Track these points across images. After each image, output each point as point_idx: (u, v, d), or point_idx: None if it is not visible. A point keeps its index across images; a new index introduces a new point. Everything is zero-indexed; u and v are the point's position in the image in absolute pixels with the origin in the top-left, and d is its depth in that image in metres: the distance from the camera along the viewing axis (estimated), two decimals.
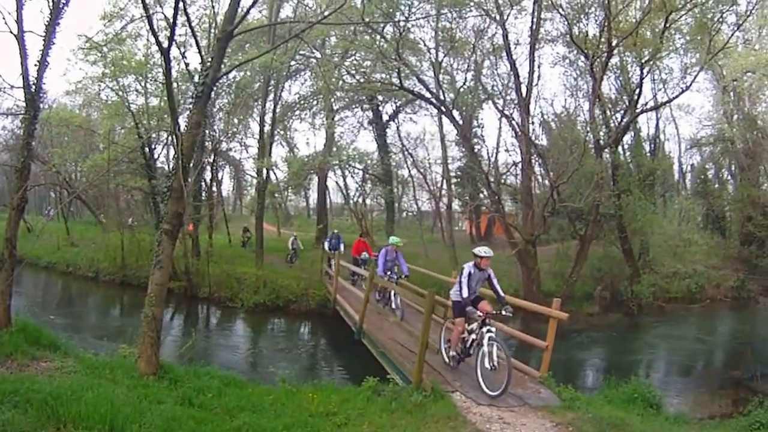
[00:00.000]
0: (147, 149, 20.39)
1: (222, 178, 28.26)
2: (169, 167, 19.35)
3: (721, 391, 11.65)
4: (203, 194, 21.24)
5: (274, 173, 22.80)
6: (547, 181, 20.02)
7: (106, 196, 24.95)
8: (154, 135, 20.74)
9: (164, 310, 7.44)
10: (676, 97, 20.42)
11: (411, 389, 6.41)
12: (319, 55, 19.79)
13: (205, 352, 12.08)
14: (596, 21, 18.72)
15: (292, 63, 20.48)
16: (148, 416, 4.73)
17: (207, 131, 19.37)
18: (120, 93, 19.42)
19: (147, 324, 6.48)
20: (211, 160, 21.28)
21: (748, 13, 18.16)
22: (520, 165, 19.54)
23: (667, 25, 16.99)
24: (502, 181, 21.17)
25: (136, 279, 18.19)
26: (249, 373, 10.82)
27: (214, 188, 23.35)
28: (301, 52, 20.27)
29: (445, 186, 26.28)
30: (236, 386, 6.59)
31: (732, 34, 18.55)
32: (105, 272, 20.12)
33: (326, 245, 17.75)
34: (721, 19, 17.81)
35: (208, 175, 21.67)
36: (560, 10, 18.29)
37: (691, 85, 19.03)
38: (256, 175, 20.99)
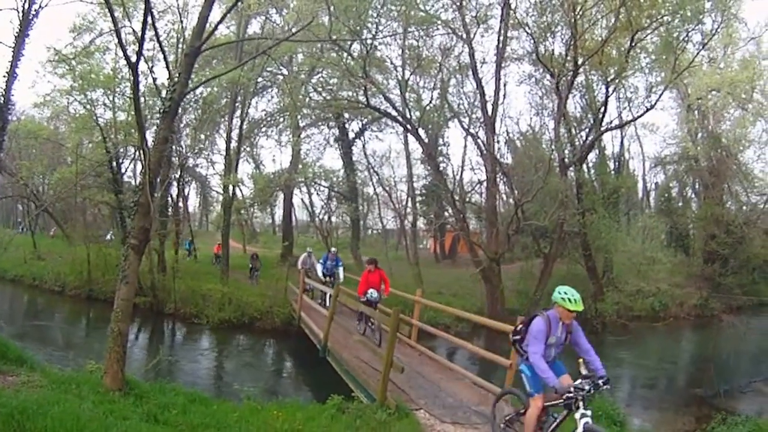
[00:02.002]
0: (114, 164, 20.22)
1: (188, 194, 28.16)
2: (136, 182, 19.22)
3: (685, 409, 11.74)
4: (170, 210, 21.01)
5: (240, 190, 22.88)
6: (511, 200, 20.24)
7: (73, 210, 24.58)
8: (121, 149, 20.64)
9: (130, 326, 7.38)
10: (641, 115, 20.67)
11: (375, 407, 6.43)
12: (286, 72, 19.82)
13: (171, 369, 12.00)
14: (562, 40, 19.02)
15: (259, 79, 20.47)
16: None
17: (174, 147, 19.23)
18: (88, 107, 19.26)
19: (113, 339, 6.41)
20: (177, 176, 21.08)
21: (714, 32, 18.61)
22: (485, 183, 19.70)
23: (633, 44, 17.26)
24: (467, 199, 21.31)
25: (102, 294, 17.86)
26: (214, 389, 10.77)
27: (181, 204, 23.13)
28: (269, 68, 20.26)
29: (410, 204, 26.48)
30: (201, 403, 6.54)
31: (697, 53, 18.89)
32: (71, 286, 19.78)
33: (319, 268, 14.88)
34: (686, 38, 18.09)
35: (174, 191, 21.48)
36: (527, 28, 18.53)
37: (656, 103, 19.29)
38: (222, 192, 20.85)
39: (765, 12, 38.39)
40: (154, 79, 15.74)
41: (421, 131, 19.65)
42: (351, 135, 24.50)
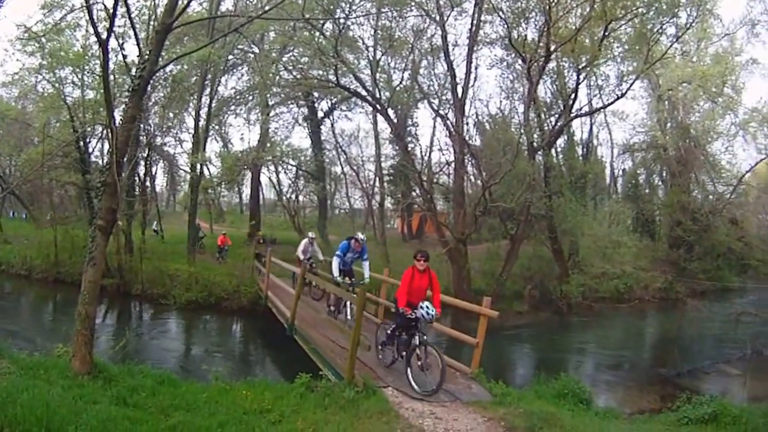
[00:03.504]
0: (82, 143, 19.92)
1: (156, 174, 27.75)
2: (103, 162, 18.91)
3: (650, 388, 11.92)
4: (137, 190, 20.72)
5: (208, 169, 22.62)
6: (479, 181, 20.31)
7: (40, 192, 24.08)
8: (89, 129, 20.29)
9: (97, 308, 7.22)
10: (611, 103, 20.95)
11: (343, 385, 6.44)
12: (257, 50, 19.63)
13: (139, 350, 11.92)
14: (536, 26, 19.10)
15: (230, 57, 20.27)
16: (83, 417, 4.65)
17: (142, 125, 18.98)
18: (57, 85, 19.00)
19: (80, 322, 6.33)
20: (145, 155, 20.78)
21: (688, 25, 18.84)
22: (452, 164, 19.76)
23: (607, 34, 17.35)
24: (435, 180, 21.38)
25: (70, 276, 17.72)
26: (182, 370, 10.67)
27: (148, 184, 22.84)
28: (240, 46, 20.08)
29: (377, 184, 26.54)
30: (170, 384, 6.51)
31: (670, 46, 19.26)
32: (38, 270, 19.45)
33: (335, 263, 9.37)
34: (660, 31, 18.34)
35: (142, 171, 21.18)
36: (500, 13, 18.57)
37: (626, 92, 19.57)
38: (189, 171, 20.61)
39: (740, 10, 39.25)
40: (124, 57, 15.50)
41: (390, 111, 19.67)
42: (320, 114, 24.57)
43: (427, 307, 6.68)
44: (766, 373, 11.91)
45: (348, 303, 9.31)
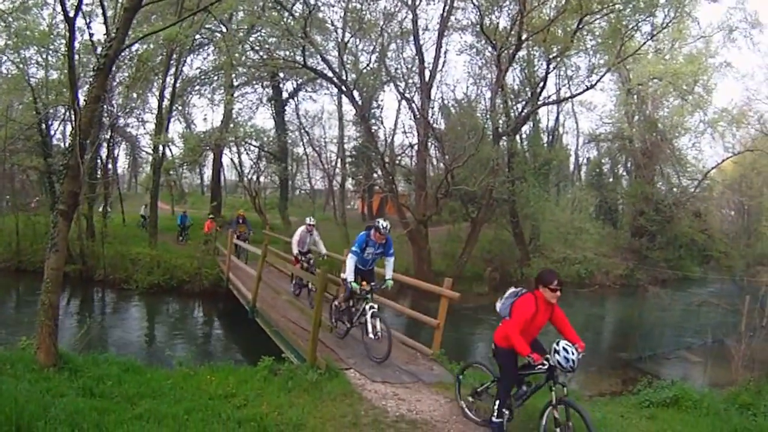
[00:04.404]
0: (44, 126, 19.61)
1: (118, 156, 27.37)
2: (66, 145, 18.58)
3: (611, 371, 12.15)
4: (99, 172, 20.39)
5: (170, 150, 22.46)
6: (442, 164, 20.49)
7: (1, 177, 23.46)
8: (52, 110, 19.93)
9: (61, 296, 7.02)
10: (580, 93, 21.29)
11: (306, 367, 6.38)
12: (225, 30, 19.42)
13: (103, 338, 11.85)
14: (509, 14, 19.28)
15: (197, 37, 20.01)
16: (52, 411, 4.53)
17: (105, 106, 18.70)
18: (21, 66, 18.60)
19: (44, 312, 6.11)
20: (107, 137, 20.46)
21: (665, 25, 19.02)
22: (416, 147, 19.90)
23: (580, 26, 17.56)
24: (397, 162, 21.59)
25: (32, 264, 17.13)
26: (147, 356, 10.60)
27: (110, 166, 22.48)
28: (207, 25, 19.79)
29: (339, 165, 26.83)
30: (135, 372, 6.37)
31: (644, 43, 19.43)
32: None
33: (350, 263, 7.27)
34: (636, 28, 18.53)
35: (104, 153, 20.84)
36: (474, 0, 18.70)
37: (596, 84, 19.87)
38: (152, 152, 20.37)
39: (718, 15, 39.96)
40: (91, 36, 15.10)
41: (355, 93, 19.66)
42: (285, 95, 24.47)
43: (566, 350, 4.39)
44: (727, 361, 11.50)
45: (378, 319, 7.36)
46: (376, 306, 6.89)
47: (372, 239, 7.20)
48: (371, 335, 6.72)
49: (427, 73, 19.18)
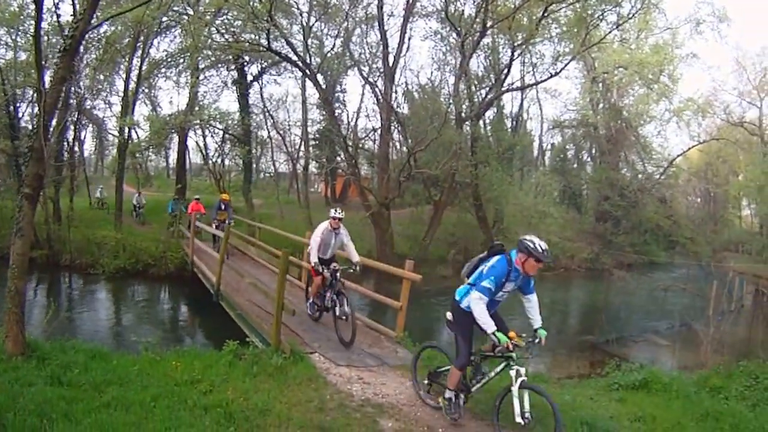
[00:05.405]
0: (12, 107, 19.30)
1: (84, 138, 27.22)
2: (32, 126, 18.45)
3: (578, 353, 12.40)
4: (65, 155, 20.29)
5: (136, 132, 22.22)
6: (405, 148, 20.69)
7: None
8: (19, 92, 19.67)
9: (27, 283, 6.90)
10: (544, 81, 21.61)
11: (270, 351, 6.35)
12: (192, 12, 19.39)
13: (70, 324, 11.75)
14: (474, 1, 19.31)
15: (164, 19, 19.92)
16: (20, 401, 4.55)
17: (72, 88, 18.60)
18: None
19: (11, 299, 5.99)
20: (74, 119, 20.35)
21: (630, 15, 19.14)
22: (379, 131, 20.11)
23: (546, 15, 17.75)
24: (360, 145, 21.75)
25: None
26: (113, 342, 10.59)
27: (77, 148, 22.38)
28: (175, 8, 19.67)
29: (303, 148, 27.10)
30: (102, 359, 6.33)
31: (609, 32, 19.60)
32: None
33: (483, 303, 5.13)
34: (601, 17, 18.70)
35: (70, 135, 20.70)
36: None
37: (560, 71, 20.13)
38: (117, 134, 20.34)
39: (686, 8, 40.40)
40: (58, 17, 15.00)
41: (319, 77, 19.83)
42: (249, 78, 24.29)
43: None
44: (695, 345, 12.08)
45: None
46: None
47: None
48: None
49: (391, 58, 19.31)
